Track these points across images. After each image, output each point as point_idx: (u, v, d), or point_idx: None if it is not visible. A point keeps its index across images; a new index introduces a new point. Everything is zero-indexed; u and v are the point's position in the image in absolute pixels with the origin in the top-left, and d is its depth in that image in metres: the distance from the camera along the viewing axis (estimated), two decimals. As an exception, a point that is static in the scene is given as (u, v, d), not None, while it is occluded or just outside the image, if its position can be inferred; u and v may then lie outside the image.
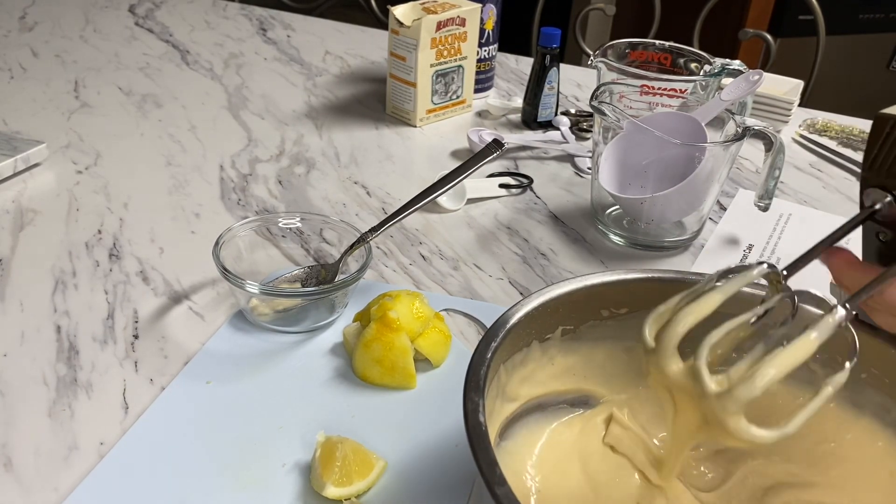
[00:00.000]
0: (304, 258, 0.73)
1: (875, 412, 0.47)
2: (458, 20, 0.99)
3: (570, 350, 0.51)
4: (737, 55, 1.90)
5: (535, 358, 0.50)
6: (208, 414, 0.55)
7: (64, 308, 0.65)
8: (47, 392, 0.56)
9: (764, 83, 0.82)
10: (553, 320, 0.50)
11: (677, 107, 0.81)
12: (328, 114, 1.05)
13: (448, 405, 0.57)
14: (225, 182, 0.86)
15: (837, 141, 1.05)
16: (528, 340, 0.49)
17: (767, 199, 0.79)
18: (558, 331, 0.50)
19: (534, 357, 0.49)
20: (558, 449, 0.49)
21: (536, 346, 0.49)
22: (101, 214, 0.79)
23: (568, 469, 0.48)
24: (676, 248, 0.79)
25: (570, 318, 0.51)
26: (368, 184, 0.88)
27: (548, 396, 0.51)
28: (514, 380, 0.48)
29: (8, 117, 0.98)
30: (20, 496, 0.48)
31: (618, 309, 0.52)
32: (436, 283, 0.71)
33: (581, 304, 0.50)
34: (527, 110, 1.03)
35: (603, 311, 0.52)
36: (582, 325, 0.51)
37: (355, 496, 0.48)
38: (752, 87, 0.77)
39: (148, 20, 1.36)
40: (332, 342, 0.62)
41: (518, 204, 0.86)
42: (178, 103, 1.05)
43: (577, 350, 0.52)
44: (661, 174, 0.77)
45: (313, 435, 0.53)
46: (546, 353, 0.50)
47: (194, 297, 0.67)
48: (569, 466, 0.48)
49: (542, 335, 0.50)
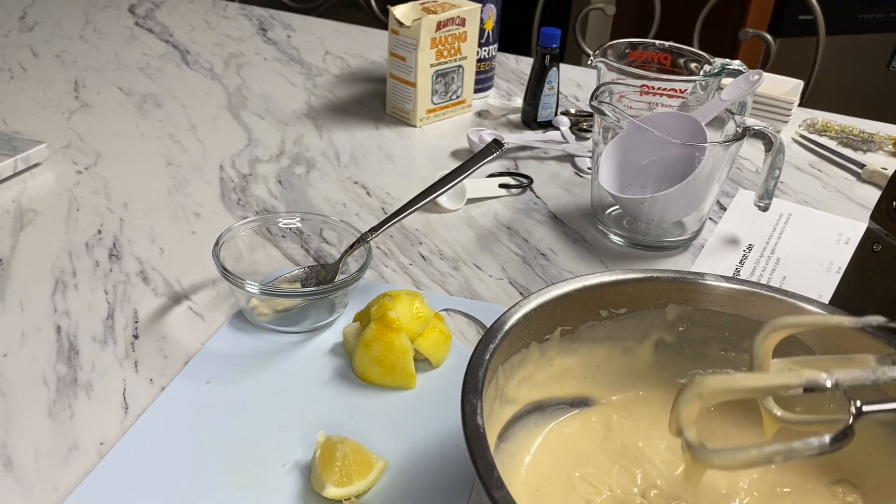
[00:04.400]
0: (304, 258, 0.73)
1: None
2: (458, 20, 0.99)
3: (568, 351, 0.52)
4: (737, 55, 1.90)
5: (533, 359, 0.50)
6: (208, 414, 0.55)
7: (64, 308, 0.65)
8: (47, 392, 0.56)
9: (764, 83, 0.82)
10: (552, 321, 0.50)
11: (677, 107, 0.81)
12: (328, 114, 1.05)
13: (448, 405, 0.57)
14: (225, 182, 0.86)
15: (837, 141, 1.05)
16: (526, 342, 0.49)
17: (767, 199, 0.79)
18: (557, 332, 0.50)
19: (532, 358, 0.49)
20: (556, 450, 0.49)
21: (535, 346, 0.49)
22: (101, 214, 0.79)
23: (565, 470, 0.48)
24: (676, 248, 0.79)
25: (569, 318, 0.51)
26: (368, 184, 0.88)
27: (547, 399, 0.51)
28: (513, 382, 0.48)
29: (8, 117, 0.98)
30: (20, 496, 0.49)
31: (617, 309, 0.52)
32: (436, 283, 0.71)
33: (580, 305, 0.51)
34: (527, 110, 1.03)
35: (602, 311, 0.52)
36: (581, 326, 0.51)
37: (355, 496, 0.48)
38: (752, 87, 0.77)
39: (148, 20, 1.36)
40: (332, 342, 0.63)
41: (518, 204, 0.86)
42: (178, 103, 1.05)
43: (576, 351, 0.52)
44: (661, 174, 0.77)
45: (313, 435, 0.53)
46: (545, 354, 0.50)
47: (194, 297, 0.67)
48: (566, 468, 0.48)
49: (540, 336, 0.50)
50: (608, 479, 0.48)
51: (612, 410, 0.52)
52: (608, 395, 0.53)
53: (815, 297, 0.73)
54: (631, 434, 0.51)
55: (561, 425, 0.51)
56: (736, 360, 0.53)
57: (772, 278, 0.75)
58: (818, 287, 0.75)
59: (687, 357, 0.54)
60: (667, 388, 0.53)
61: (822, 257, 0.79)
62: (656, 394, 0.53)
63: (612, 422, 0.51)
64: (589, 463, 0.49)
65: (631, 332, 0.53)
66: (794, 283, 0.75)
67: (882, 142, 1.04)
